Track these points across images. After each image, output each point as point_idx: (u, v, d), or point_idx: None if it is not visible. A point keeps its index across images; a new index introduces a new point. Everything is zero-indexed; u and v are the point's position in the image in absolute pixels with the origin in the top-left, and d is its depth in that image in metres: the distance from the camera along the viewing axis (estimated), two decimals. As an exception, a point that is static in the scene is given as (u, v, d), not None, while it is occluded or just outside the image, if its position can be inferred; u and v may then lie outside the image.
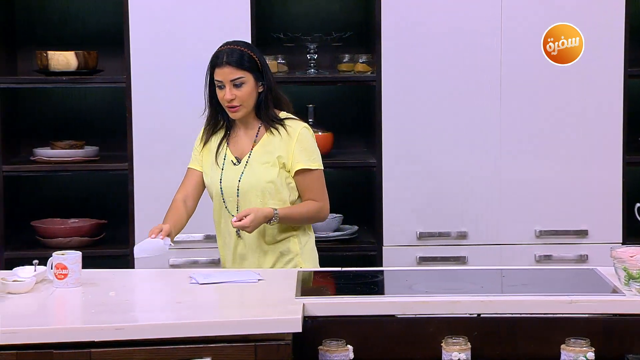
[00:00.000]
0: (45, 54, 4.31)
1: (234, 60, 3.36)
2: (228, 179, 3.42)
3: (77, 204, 4.62)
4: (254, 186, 3.40)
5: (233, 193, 3.42)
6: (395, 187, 4.34)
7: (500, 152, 4.34)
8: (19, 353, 2.61)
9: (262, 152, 3.42)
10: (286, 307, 2.80)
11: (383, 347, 2.85)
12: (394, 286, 3.19)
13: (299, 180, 3.44)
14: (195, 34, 4.25)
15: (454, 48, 4.29)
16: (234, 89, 3.36)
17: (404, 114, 4.32)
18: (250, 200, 3.40)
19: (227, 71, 3.36)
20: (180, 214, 3.43)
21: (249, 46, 3.44)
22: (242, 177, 3.41)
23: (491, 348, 2.83)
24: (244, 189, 3.40)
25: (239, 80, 3.36)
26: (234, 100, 3.37)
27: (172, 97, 4.26)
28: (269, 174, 3.40)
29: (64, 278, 3.03)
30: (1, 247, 4.24)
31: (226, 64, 3.36)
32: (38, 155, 4.40)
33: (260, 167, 3.41)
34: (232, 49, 3.39)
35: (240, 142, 3.46)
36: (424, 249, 4.35)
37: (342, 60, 4.52)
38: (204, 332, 2.67)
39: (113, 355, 2.64)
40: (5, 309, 2.84)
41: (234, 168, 3.43)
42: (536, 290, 3.01)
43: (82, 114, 4.65)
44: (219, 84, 3.39)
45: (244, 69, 3.37)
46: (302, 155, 3.43)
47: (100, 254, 4.30)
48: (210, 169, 3.46)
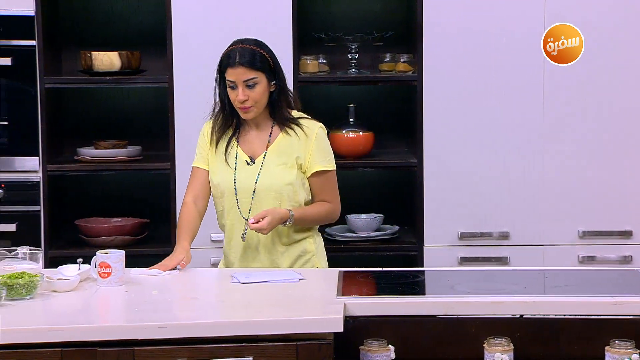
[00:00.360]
0: (89, 55, 4.35)
1: (247, 60, 3.27)
2: (242, 179, 3.35)
3: (120, 203, 4.66)
4: (271, 188, 3.33)
5: (248, 194, 3.34)
6: (436, 186, 4.32)
7: (543, 152, 4.31)
8: (64, 351, 2.63)
9: (278, 153, 3.36)
10: (327, 306, 2.80)
11: (424, 348, 2.84)
12: (436, 286, 3.18)
13: (315, 182, 3.38)
14: (237, 34, 4.22)
15: (496, 47, 4.26)
16: (247, 89, 3.28)
17: (445, 113, 4.31)
18: (266, 202, 3.33)
19: (240, 71, 3.27)
20: (194, 220, 3.35)
21: (260, 44, 3.34)
22: (258, 178, 3.34)
23: (534, 349, 2.81)
24: (260, 190, 3.33)
25: (252, 81, 3.28)
26: (247, 101, 3.29)
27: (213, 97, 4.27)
28: (287, 175, 3.35)
29: (108, 277, 3.06)
30: (46, 245, 4.28)
31: (239, 64, 3.27)
32: (82, 154, 4.45)
33: (277, 168, 3.35)
34: (244, 48, 3.30)
35: (252, 141, 3.38)
36: (465, 249, 4.33)
37: (384, 60, 4.51)
38: (245, 331, 2.68)
39: (156, 353, 2.66)
40: (50, 307, 2.88)
41: (248, 168, 3.35)
42: (579, 292, 2.99)
43: (124, 114, 4.69)
44: (230, 84, 3.30)
45: (257, 69, 3.28)
46: (320, 156, 3.38)
47: (142, 252, 4.32)
48: (219, 168, 3.37)
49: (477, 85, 4.29)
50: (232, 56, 3.30)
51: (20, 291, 2.88)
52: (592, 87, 4.28)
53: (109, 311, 2.96)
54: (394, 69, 4.48)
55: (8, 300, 2.86)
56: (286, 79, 3.41)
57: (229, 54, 3.31)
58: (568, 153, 4.31)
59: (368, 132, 4.48)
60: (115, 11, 4.66)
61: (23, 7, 4.25)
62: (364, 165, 4.44)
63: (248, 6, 4.28)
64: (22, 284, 2.88)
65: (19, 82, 4.29)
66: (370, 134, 4.48)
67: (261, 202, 3.33)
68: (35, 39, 4.26)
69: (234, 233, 3.38)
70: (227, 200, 3.37)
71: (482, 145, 4.31)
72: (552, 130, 4.30)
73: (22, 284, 2.88)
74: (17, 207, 4.30)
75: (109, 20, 4.66)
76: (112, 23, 4.66)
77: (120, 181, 4.68)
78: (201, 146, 3.43)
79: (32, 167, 4.32)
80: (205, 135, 3.42)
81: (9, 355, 2.62)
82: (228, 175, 3.36)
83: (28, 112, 4.30)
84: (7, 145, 4.32)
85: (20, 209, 4.30)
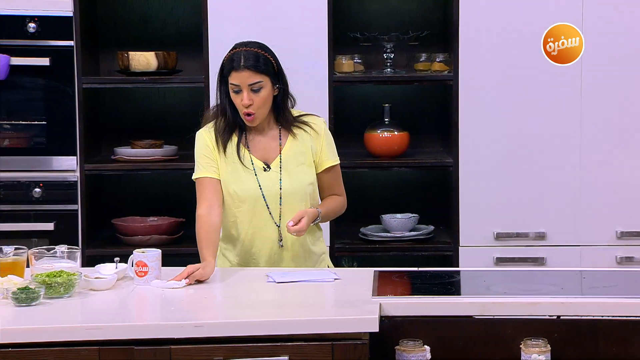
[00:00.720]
0: (127, 55, 4.38)
1: (252, 64, 3.20)
2: (266, 186, 3.28)
3: (155, 203, 4.69)
4: (298, 190, 3.30)
5: (275, 200, 3.29)
6: (472, 186, 4.31)
7: (580, 152, 4.27)
8: (102, 349, 2.65)
9: (293, 155, 3.32)
10: (363, 306, 2.80)
11: (460, 348, 2.83)
12: (471, 287, 3.17)
13: (326, 177, 3.36)
14: (273, 34, 4.27)
15: (532, 46, 4.23)
16: (252, 93, 3.21)
17: (481, 113, 4.29)
18: (294, 205, 3.29)
19: (245, 75, 3.21)
20: (214, 232, 3.24)
21: (264, 47, 3.28)
22: (281, 183, 3.29)
23: (572, 350, 2.79)
24: (287, 195, 3.29)
25: (257, 85, 3.22)
26: (251, 106, 3.22)
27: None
28: (308, 175, 3.33)
29: (144, 275, 3.08)
30: (83, 244, 4.32)
31: (244, 68, 3.20)
32: (119, 154, 4.48)
33: (297, 169, 3.32)
34: (248, 51, 3.23)
35: (262, 146, 3.32)
36: (501, 249, 4.31)
37: (419, 60, 4.50)
38: (281, 330, 2.69)
39: (192, 352, 2.67)
40: (87, 305, 2.90)
41: (267, 174, 3.30)
42: (617, 292, 2.96)
43: (161, 114, 4.72)
44: (235, 89, 3.23)
45: (262, 73, 3.22)
46: (330, 151, 3.37)
47: (178, 251, 4.35)
48: (237, 176, 3.29)
49: (513, 83, 4.27)
50: (237, 59, 3.22)
51: (58, 289, 2.91)
52: (632, 85, 4.24)
53: (145, 310, 2.98)
54: (430, 68, 4.47)
55: (46, 299, 2.88)
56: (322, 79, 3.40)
57: (232, 58, 3.24)
58: (606, 153, 4.27)
59: (403, 132, 4.47)
60: (152, 12, 4.69)
61: (61, 7, 4.29)
62: (399, 165, 4.43)
63: (284, 6, 4.29)
64: (60, 282, 2.91)
65: (57, 82, 4.33)
66: (405, 134, 4.47)
67: (289, 206, 3.30)
68: (74, 40, 4.30)
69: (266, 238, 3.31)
70: (251, 208, 3.30)
71: (518, 145, 4.29)
72: (590, 129, 4.27)
73: (61, 283, 2.91)
74: (55, 206, 4.34)
75: (146, 20, 4.69)
76: (149, 23, 4.69)
77: (156, 180, 4.71)
78: (205, 155, 3.30)
79: (70, 167, 4.36)
80: (209, 143, 3.31)
81: (47, 353, 2.65)
82: (250, 183, 3.29)
83: (66, 112, 4.34)
84: (46, 144, 4.36)
85: (58, 208, 4.34)
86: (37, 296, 2.84)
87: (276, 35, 4.27)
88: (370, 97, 4.67)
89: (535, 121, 4.28)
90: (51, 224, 4.32)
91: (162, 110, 4.72)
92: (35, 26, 4.28)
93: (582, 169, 4.29)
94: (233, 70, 3.23)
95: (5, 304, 2.84)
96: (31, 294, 2.83)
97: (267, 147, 3.33)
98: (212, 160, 3.31)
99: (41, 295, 2.85)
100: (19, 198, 4.33)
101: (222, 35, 4.30)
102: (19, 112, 4.36)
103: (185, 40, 4.61)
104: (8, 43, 4.28)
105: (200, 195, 3.31)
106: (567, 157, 4.28)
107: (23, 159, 4.36)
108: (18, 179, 4.34)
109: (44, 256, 3.09)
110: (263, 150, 3.33)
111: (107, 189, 4.73)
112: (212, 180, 3.30)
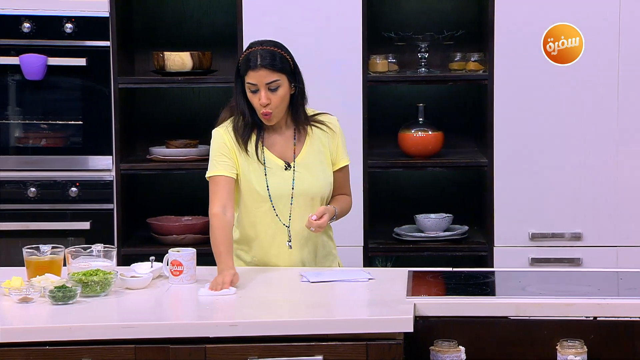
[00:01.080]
0: (162, 55, 4.41)
1: (269, 62, 3.18)
2: (281, 185, 3.27)
3: (190, 202, 4.70)
4: (319, 189, 3.29)
5: (287, 199, 3.27)
6: (507, 187, 4.28)
7: (617, 151, 4.24)
8: (138, 348, 2.67)
9: (312, 154, 3.31)
10: (397, 306, 2.80)
11: (495, 349, 2.82)
12: (506, 287, 3.15)
13: (338, 176, 3.36)
14: (308, 34, 4.28)
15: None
16: (269, 92, 3.19)
17: (516, 112, 4.26)
18: (306, 205, 3.28)
19: (262, 74, 3.18)
20: (230, 233, 3.23)
21: (280, 46, 3.25)
22: (301, 182, 3.27)
23: (608, 352, 2.77)
24: (306, 193, 3.28)
25: (274, 84, 3.20)
26: (269, 105, 3.20)
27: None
28: (328, 175, 3.33)
29: (180, 274, 3.10)
30: (119, 243, 4.35)
31: (261, 67, 3.18)
32: (154, 154, 4.50)
33: (318, 168, 3.31)
34: (264, 50, 3.21)
35: (279, 144, 3.30)
36: (536, 250, 4.28)
37: (454, 59, 4.48)
38: (316, 330, 2.69)
39: (227, 351, 2.68)
40: (123, 304, 2.92)
41: (284, 173, 3.28)
42: (655, 294, 2.94)
43: (195, 113, 4.74)
44: (252, 88, 3.21)
45: (279, 71, 3.19)
46: (344, 150, 3.37)
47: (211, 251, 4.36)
48: (260, 175, 3.27)
49: (548, 83, 4.24)
50: (253, 59, 3.20)
51: (94, 288, 2.93)
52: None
53: (181, 309, 3.00)
54: (464, 67, 4.45)
55: (83, 297, 2.91)
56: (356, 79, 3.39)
57: (248, 57, 3.21)
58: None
59: (437, 132, 4.45)
60: (187, 12, 4.71)
61: (98, 8, 4.32)
62: (433, 165, 4.42)
63: (318, 6, 4.29)
64: (96, 281, 2.93)
65: (94, 82, 4.37)
66: (439, 134, 4.46)
67: (300, 206, 3.29)
68: (110, 40, 4.33)
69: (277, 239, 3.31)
70: (271, 207, 3.28)
71: (554, 145, 4.26)
72: (627, 129, 4.23)
73: (97, 281, 2.93)
74: (91, 206, 4.38)
75: (181, 21, 4.71)
76: (184, 24, 4.71)
77: (191, 180, 4.73)
78: (223, 154, 3.28)
79: (106, 166, 4.39)
80: (227, 142, 3.28)
81: (84, 351, 2.67)
82: (276, 181, 3.27)
83: (102, 111, 4.37)
84: (82, 144, 4.39)
85: (94, 207, 4.38)
86: (74, 295, 2.87)
87: (310, 35, 4.28)
88: (404, 96, 4.66)
89: (570, 120, 4.25)
90: (87, 223, 4.35)
91: (197, 110, 4.74)
92: (72, 27, 4.32)
93: (619, 169, 4.25)
94: (250, 69, 3.21)
95: (43, 302, 2.87)
96: (68, 293, 2.86)
97: (284, 145, 3.32)
98: (229, 159, 3.28)
99: (78, 293, 2.88)
100: (56, 197, 4.37)
101: (257, 35, 4.26)
102: (55, 112, 4.40)
103: (220, 40, 4.63)
104: (45, 43, 4.33)
105: (214, 194, 3.27)
106: (604, 156, 4.24)
107: (60, 158, 4.39)
108: (55, 179, 4.38)
109: (81, 255, 3.11)
110: (281, 149, 3.31)
111: (142, 189, 4.76)
112: (227, 180, 3.27)
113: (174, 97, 4.74)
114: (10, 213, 4.37)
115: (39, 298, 2.90)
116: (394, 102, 4.67)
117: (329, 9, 4.28)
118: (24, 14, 4.31)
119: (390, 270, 3.37)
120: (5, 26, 4.32)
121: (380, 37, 4.49)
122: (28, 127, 4.40)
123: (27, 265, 3.09)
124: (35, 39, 4.32)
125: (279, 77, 3.21)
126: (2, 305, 2.88)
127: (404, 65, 4.56)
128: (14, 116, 4.40)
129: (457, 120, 4.67)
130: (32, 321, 2.76)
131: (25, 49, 4.31)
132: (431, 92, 4.64)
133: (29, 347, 2.66)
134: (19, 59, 4.30)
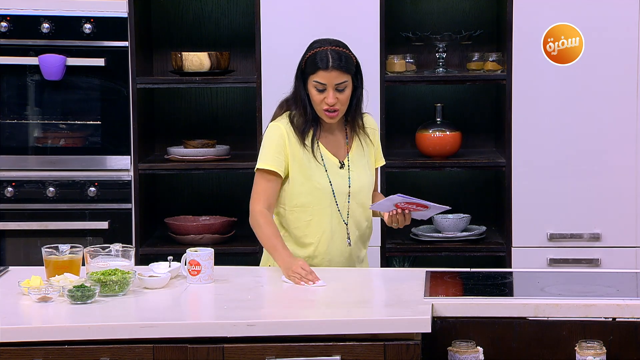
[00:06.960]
0: (180, 55, 4.42)
1: (342, 64, 3.20)
2: (342, 183, 3.29)
3: (208, 202, 4.72)
4: (367, 188, 3.34)
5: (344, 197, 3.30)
6: (525, 187, 4.27)
7: (636, 151, 4.22)
8: (156, 347, 2.68)
9: (360, 154, 3.34)
10: (415, 307, 2.79)
11: (513, 350, 2.81)
12: (525, 288, 3.14)
13: (375, 176, 3.41)
14: (325, 34, 4.24)
15: (587, 45, 4.19)
16: (337, 92, 3.21)
17: (534, 112, 4.25)
18: (365, 202, 3.33)
19: (334, 75, 3.20)
20: (277, 230, 3.25)
21: (347, 47, 3.28)
22: (352, 181, 3.30)
23: (628, 353, 2.76)
24: (355, 192, 3.31)
25: (342, 85, 3.21)
26: (336, 105, 3.22)
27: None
28: (372, 173, 3.37)
29: (197, 274, 3.10)
30: (137, 243, 4.37)
31: (333, 68, 3.19)
32: (172, 154, 4.52)
33: (365, 167, 3.35)
34: (337, 51, 3.22)
35: (334, 143, 3.32)
36: (554, 250, 4.27)
37: (472, 59, 4.47)
38: (334, 330, 2.69)
39: (245, 351, 2.69)
40: (141, 303, 2.93)
41: (340, 171, 3.30)
42: (675, 295, 2.92)
43: (213, 114, 4.75)
44: (320, 87, 3.22)
45: (348, 73, 3.22)
46: (381, 151, 3.43)
47: (230, 251, 4.38)
48: (318, 172, 3.28)
49: (567, 83, 4.22)
50: (325, 59, 3.21)
51: (113, 288, 2.94)
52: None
53: (199, 308, 3.00)
54: (482, 67, 4.44)
55: (101, 297, 2.92)
56: (374, 79, 3.39)
57: (318, 56, 3.22)
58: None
59: (455, 132, 4.44)
60: (205, 13, 4.72)
61: (116, 8, 4.34)
62: (451, 165, 4.41)
63: (336, 6, 4.29)
64: (115, 280, 2.94)
65: (112, 83, 4.38)
66: (457, 134, 4.45)
67: (354, 204, 3.32)
68: (128, 40, 4.35)
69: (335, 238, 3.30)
70: (328, 205, 3.28)
71: (572, 145, 4.24)
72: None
73: (115, 281, 2.94)
74: (110, 205, 4.39)
75: (199, 21, 4.72)
76: (202, 24, 4.72)
77: (209, 180, 4.74)
78: (280, 151, 3.25)
79: (124, 166, 4.41)
80: (285, 137, 3.26)
81: (102, 350, 2.68)
82: (336, 179, 3.29)
83: (120, 111, 4.39)
84: (100, 144, 4.41)
85: (112, 207, 4.39)
86: (93, 294, 2.88)
87: (328, 34, 4.24)
88: (422, 96, 4.66)
89: (589, 120, 4.23)
90: (105, 223, 4.37)
91: (215, 110, 4.75)
92: (91, 27, 4.33)
93: (639, 169, 4.22)
94: (320, 69, 3.21)
95: (62, 302, 2.89)
96: (87, 292, 2.87)
97: (337, 144, 3.34)
98: (284, 155, 3.26)
99: (96, 293, 2.89)
100: (75, 197, 4.39)
101: (275, 36, 4.31)
102: (74, 112, 4.42)
103: (238, 40, 4.64)
104: (64, 44, 4.34)
105: (261, 190, 3.26)
106: (623, 157, 4.22)
107: (78, 158, 4.41)
108: (73, 178, 4.40)
109: (99, 254, 3.13)
110: (335, 147, 3.33)
111: (161, 188, 4.77)
112: (277, 178, 3.26)
113: (192, 97, 4.76)
114: (30, 213, 4.39)
115: (58, 297, 2.91)
116: (411, 102, 4.66)
117: (347, 8, 4.28)
118: (43, 15, 4.34)
119: (407, 271, 3.37)
120: (24, 26, 4.34)
121: (398, 37, 4.49)
122: (47, 127, 4.42)
123: (46, 264, 3.11)
124: (54, 39, 4.34)
125: (347, 79, 3.24)
126: (22, 304, 2.90)
127: (421, 65, 4.55)
128: (33, 116, 4.42)
129: (475, 121, 4.66)
130: (51, 320, 2.77)
131: (44, 49, 4.33)
132: (449, 92, 4.63)
133: (48, 346, 2.68)
134: (38, 59, 4.32)
